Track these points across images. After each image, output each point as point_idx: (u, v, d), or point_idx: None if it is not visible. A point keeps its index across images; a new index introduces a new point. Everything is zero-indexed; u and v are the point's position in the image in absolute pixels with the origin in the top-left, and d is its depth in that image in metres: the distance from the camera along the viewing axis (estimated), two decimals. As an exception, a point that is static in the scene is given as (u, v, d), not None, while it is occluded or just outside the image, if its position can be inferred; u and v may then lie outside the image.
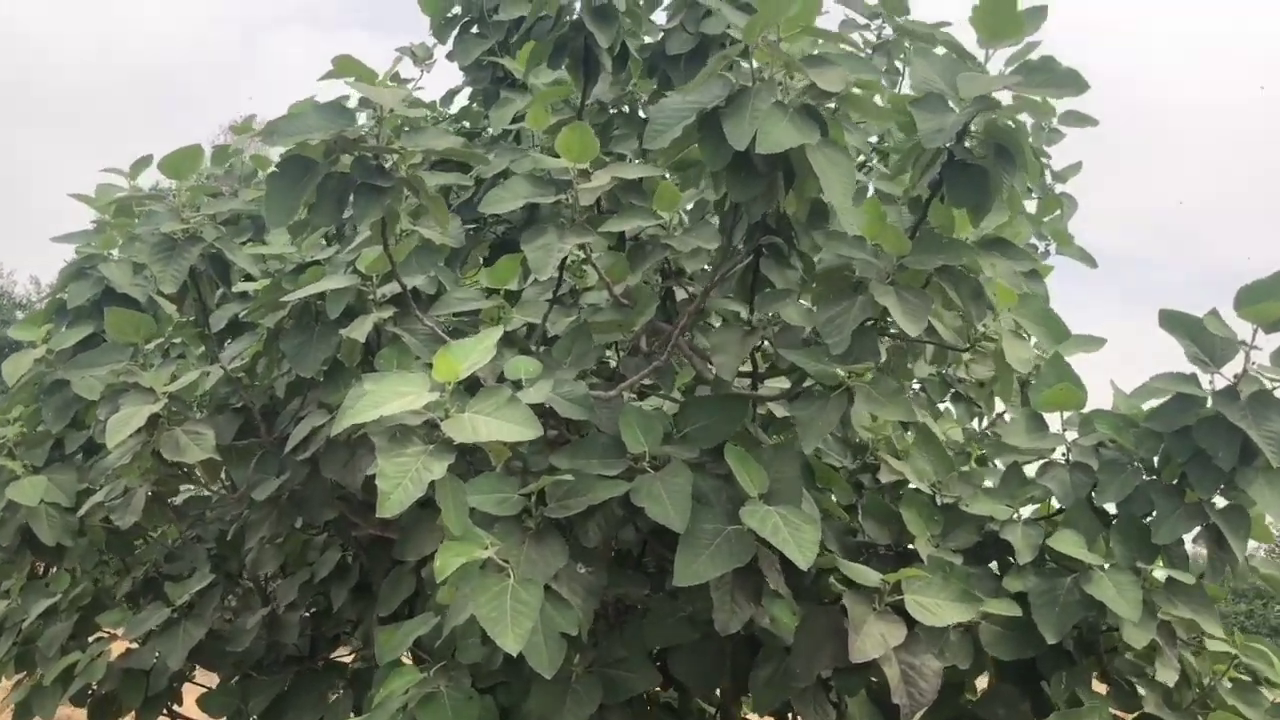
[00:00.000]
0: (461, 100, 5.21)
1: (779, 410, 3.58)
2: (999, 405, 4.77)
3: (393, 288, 3.28)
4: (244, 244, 3.98)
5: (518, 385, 2.89)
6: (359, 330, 3.11)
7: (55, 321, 4.22)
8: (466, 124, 5.23)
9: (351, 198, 2.76)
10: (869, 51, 4.52)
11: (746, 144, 2.43)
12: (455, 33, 4.92)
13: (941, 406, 4.97)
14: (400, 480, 2.37)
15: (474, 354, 2.55)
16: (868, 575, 2.91)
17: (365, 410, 2.43)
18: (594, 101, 4.19)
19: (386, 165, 2.77)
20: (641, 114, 4.41)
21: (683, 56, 3.72)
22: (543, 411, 3.18)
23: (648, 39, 4.16)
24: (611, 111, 4.28)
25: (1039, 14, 2.76)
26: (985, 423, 5.15)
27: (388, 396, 2.45)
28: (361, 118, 2.87)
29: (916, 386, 4.89)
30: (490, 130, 4.56)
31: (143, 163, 3.90)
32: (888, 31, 4.40)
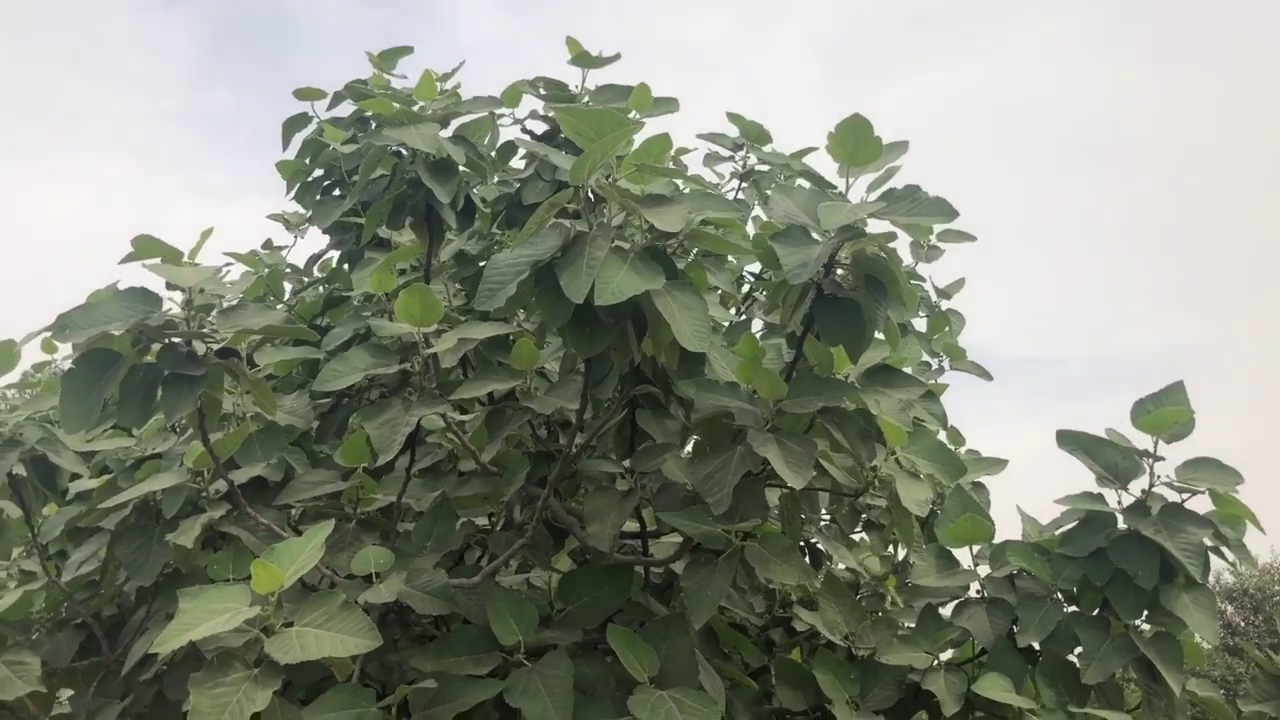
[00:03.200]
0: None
1: (680, 568, 3.31)
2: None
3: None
4: (104, 433, 3.64)
5: (369, 580, 2.58)
6: (187, 535, 2.78)
7: (-124, 542, 3.79)
8: (339, 287, 5.00)
9: (160, 390, 2.46)
10: (738, 183, 4.41)
11: (585, 295, 2.20)
12: (316, 196, 4.73)
13: (856, 536, 4.75)
14: (218, 716, 2.02)
15: (301, 556, 2.24)
16: (779, 756, 2.61)
17: (175, 635, 2.10)
18: (459, 253, 3.98)
19: (199, 351, 2.48)
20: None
21: (539, 206, 3.55)
22: (403, 605, 2.86)
23: (506, 187, 4.01)
24: (480, 265, 4.08)
25: (900, 147, 2.63)
26: (903, 551, 4.94)
27: (201, 616, 2.13)
28: (171, 302, 2.59)
29: (826, 518, 4.67)
30: (353, 295, 4.32)
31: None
32: (754, 161, 4.29)
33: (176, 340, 2.48)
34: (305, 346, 3.46)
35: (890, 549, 4.89)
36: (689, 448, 3.27)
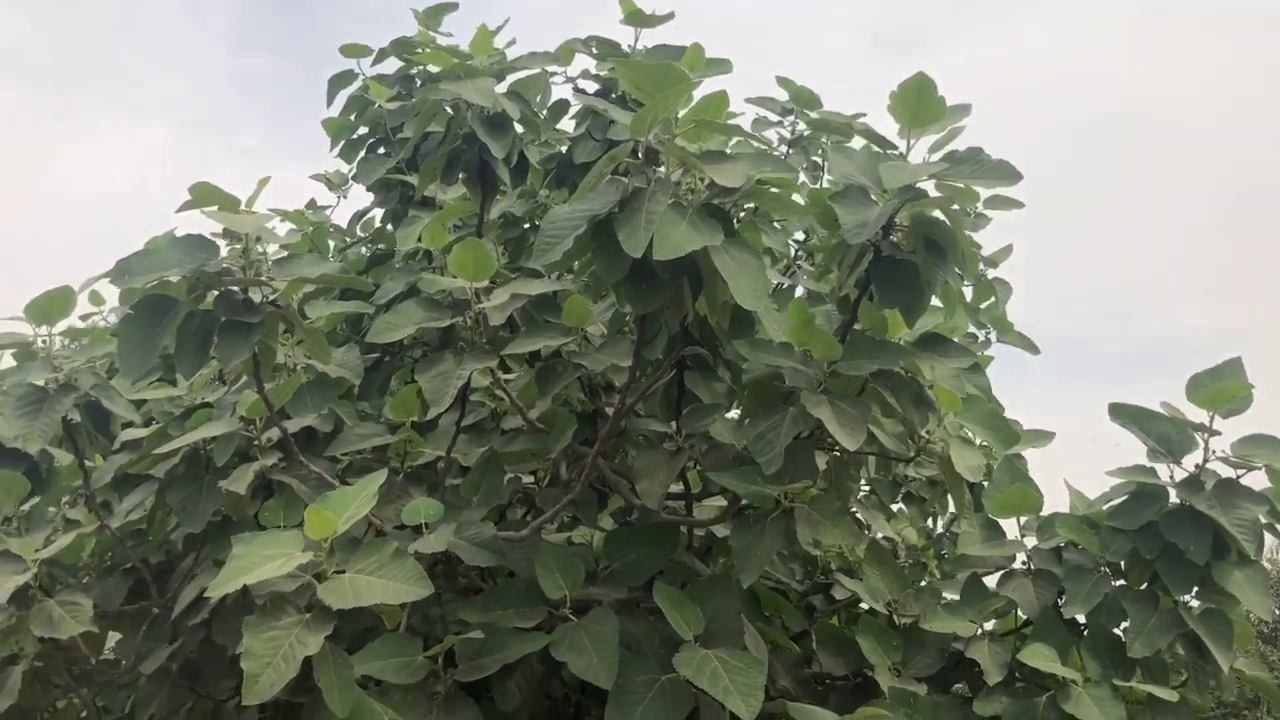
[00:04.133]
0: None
1: (723, 531, 3.31)
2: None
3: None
4: (153, 384, 3.68)
5: (418, 531, 2.59)
6: (239, 482, 2.80)
7: (-66, 486, 3.85)
8: (383, 246, 5.02)
9: (215, 338, 2.47)
10: (785, 149, 4.36)
11: (643, 250, 2.19)
12: (361, 154, 4.73)
13: (895, 508, 4.73)
14: (270, 659, 2.05)
15: (354, 504, 2.25)
16: (820, 717, 2.60)
17: (230, 579, 2.12)
18: (504, 215, 3.97)
19: (255, 299, 2.49)
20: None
21: (590, 164, 3.53)
22: (450, 558, 2.88)
23: (561, 148, 3.99)
24: (524, 226, 4.07)
25: (963, 110, 2.58)
26: (941, 523, 4.91)
27: (255, 561, 2.14)
28: (228, 249, 2.60)
29: (866, 489, 4.64)
30: (398, 252, 4.33)
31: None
32: (802, 127, 4.24)
33: (233, 288, 2.49)
34: (355, 300, 3.47)
35: (929, 521, 4.87)
36: (735, 411, 3.26)
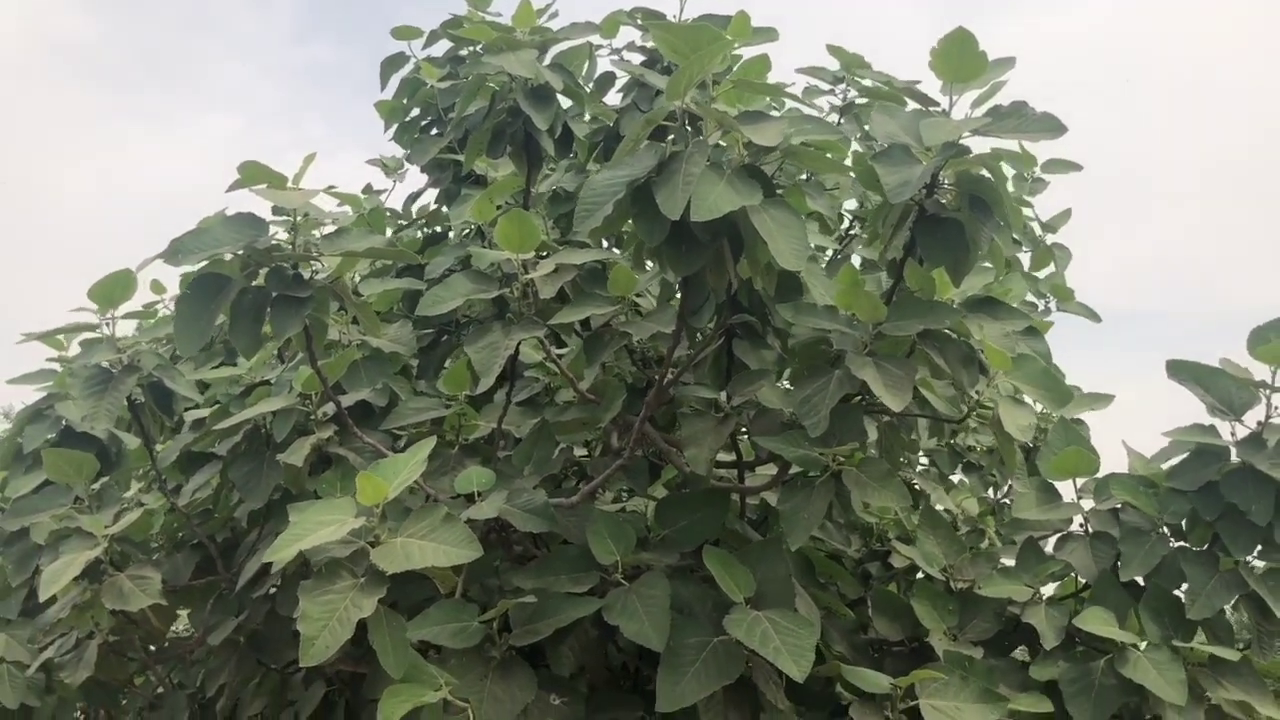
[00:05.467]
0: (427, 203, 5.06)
1: (774, 499, 3.31)
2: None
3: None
4: (214, 367, 3.77)
5: (471, 501, 2.63)
6: (297, 454, 2.86)
7: (12, 467, 3.99)
8: (438, 228, 5.07)
9: (268, 312, 2.53)
10: (838, 118, 4.33)
11: (681, 212, 2.19)
12: (414, 135, 4.79)
13: (954, 478, 4.69)
14: (326, 622, 2.10)
15: (405, 470, 2.29)
16: (876, 680, 2.61)
17: (287, 544, 2.17)
18: (555, 189, 4.00)
19: (306, 274, 2.54)
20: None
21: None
22: (504, 527, 2.92)
23: (596, 123, 4.00)
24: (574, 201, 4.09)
25: (1006, 63, 2.54)
26: (1001, 493, 4.86)
27: (310, 527, 2.19)
28: (279, 227, 2.65)
29: (925, 461, 4.61)
30: (451, 230, 4.38)
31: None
32: (853, 95, 4.21)
33: (283, 264, 2.54)
34: (408, 278, 3.52)
35: (990, 491, 4.82)
36: (784, 378, 3.26)
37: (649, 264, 2.91)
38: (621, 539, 2.71)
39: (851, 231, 4.56)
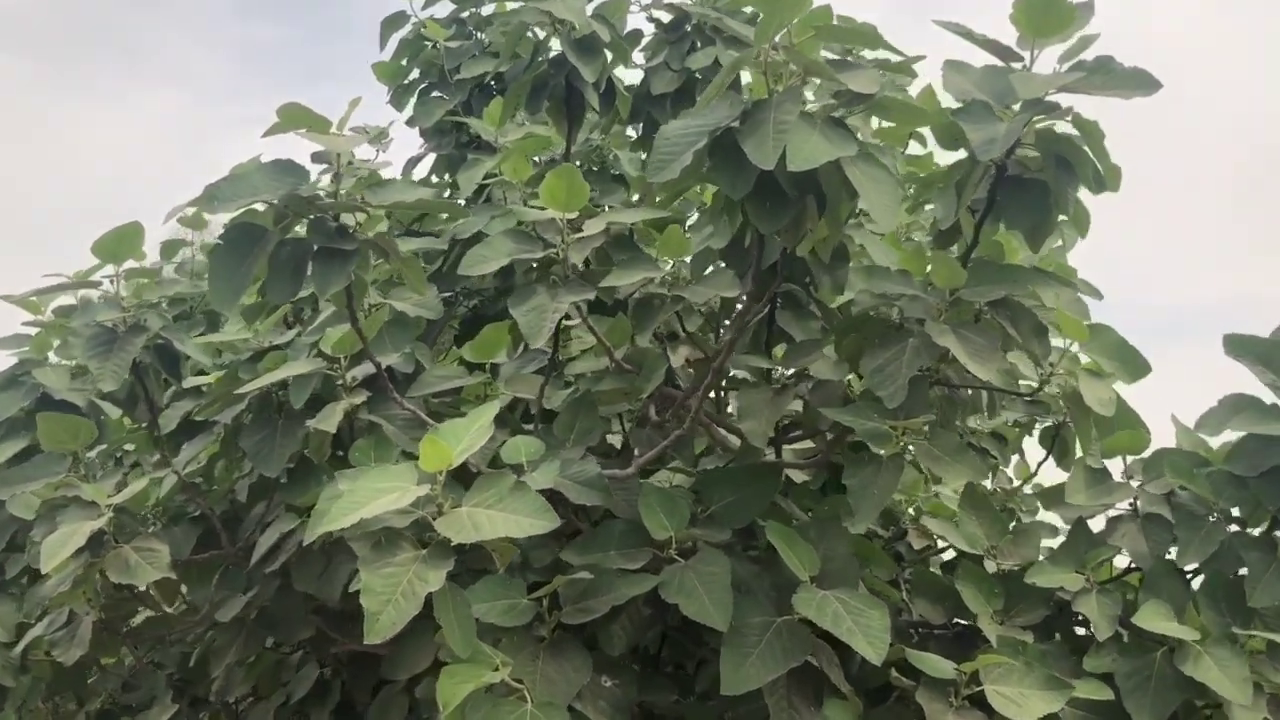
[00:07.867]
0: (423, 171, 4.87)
1: (798, 476, 3.19)
2: (1017, 456, 4.35)
3: (365, 369, 2.86)
4: (200, 335, 3.58)
5: (518, 470, 2.47)
6: (329, 420, 2.69)
7: (-15, 437, 3.76)
8: (446, 193, 4.89)
9: (309, 267, 2.35)
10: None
11: (774, 162, 2.05)
12: (414, 98, 4.60)
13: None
14: (390, 596, 1.94)
15: (468, 436, 2.13)
16: (941, 666, 2.49)
17: (343, 513, 2.01)
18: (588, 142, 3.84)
19: (350, 226, 2.37)
20: (615, 171, 4.05)
21: (669, 96, 3.38)
22: (549, 498, 2.77)
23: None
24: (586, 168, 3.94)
25: (1087, 9, 2.42)
26: (1008, 478, 4.77)
27: (368, 495, 2.03)
28: (316, 175, 2.47)
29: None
30: (461, 196, 4.21)
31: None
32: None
33: (325, 214, 2.37)
34: (429, 238, 3.34)
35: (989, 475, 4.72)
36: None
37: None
38: (675, 513, 2.57)
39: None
